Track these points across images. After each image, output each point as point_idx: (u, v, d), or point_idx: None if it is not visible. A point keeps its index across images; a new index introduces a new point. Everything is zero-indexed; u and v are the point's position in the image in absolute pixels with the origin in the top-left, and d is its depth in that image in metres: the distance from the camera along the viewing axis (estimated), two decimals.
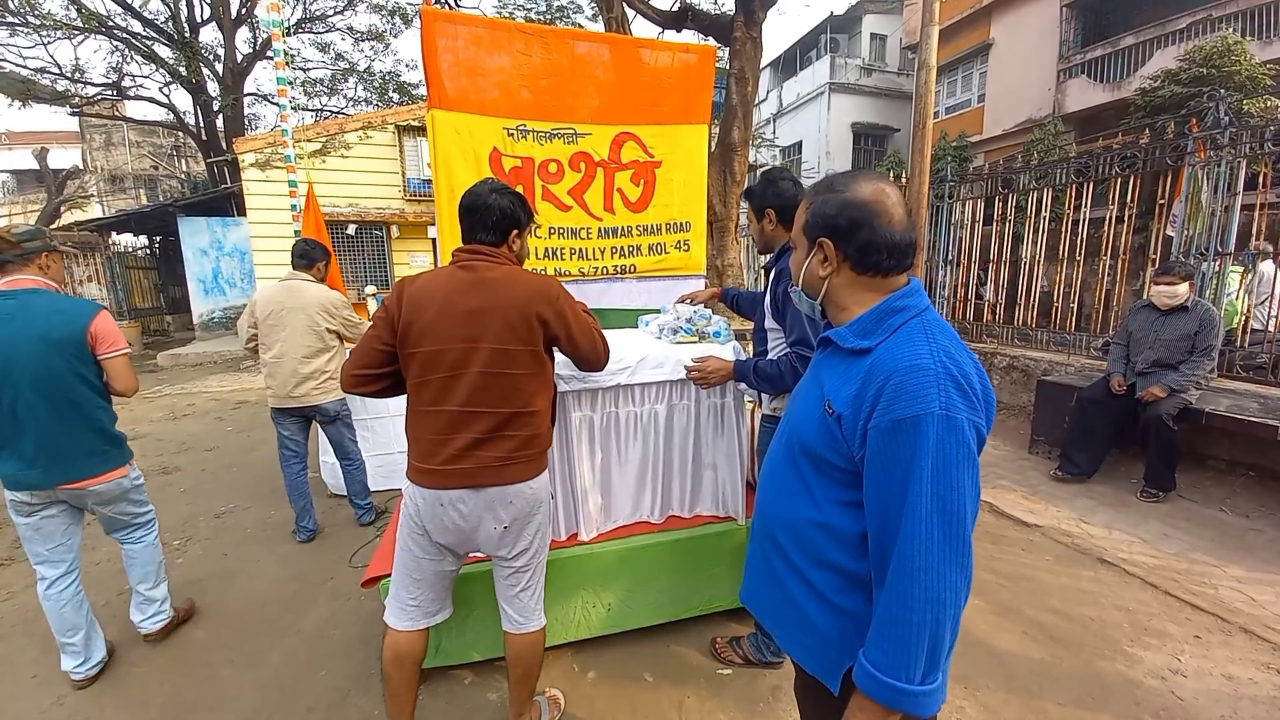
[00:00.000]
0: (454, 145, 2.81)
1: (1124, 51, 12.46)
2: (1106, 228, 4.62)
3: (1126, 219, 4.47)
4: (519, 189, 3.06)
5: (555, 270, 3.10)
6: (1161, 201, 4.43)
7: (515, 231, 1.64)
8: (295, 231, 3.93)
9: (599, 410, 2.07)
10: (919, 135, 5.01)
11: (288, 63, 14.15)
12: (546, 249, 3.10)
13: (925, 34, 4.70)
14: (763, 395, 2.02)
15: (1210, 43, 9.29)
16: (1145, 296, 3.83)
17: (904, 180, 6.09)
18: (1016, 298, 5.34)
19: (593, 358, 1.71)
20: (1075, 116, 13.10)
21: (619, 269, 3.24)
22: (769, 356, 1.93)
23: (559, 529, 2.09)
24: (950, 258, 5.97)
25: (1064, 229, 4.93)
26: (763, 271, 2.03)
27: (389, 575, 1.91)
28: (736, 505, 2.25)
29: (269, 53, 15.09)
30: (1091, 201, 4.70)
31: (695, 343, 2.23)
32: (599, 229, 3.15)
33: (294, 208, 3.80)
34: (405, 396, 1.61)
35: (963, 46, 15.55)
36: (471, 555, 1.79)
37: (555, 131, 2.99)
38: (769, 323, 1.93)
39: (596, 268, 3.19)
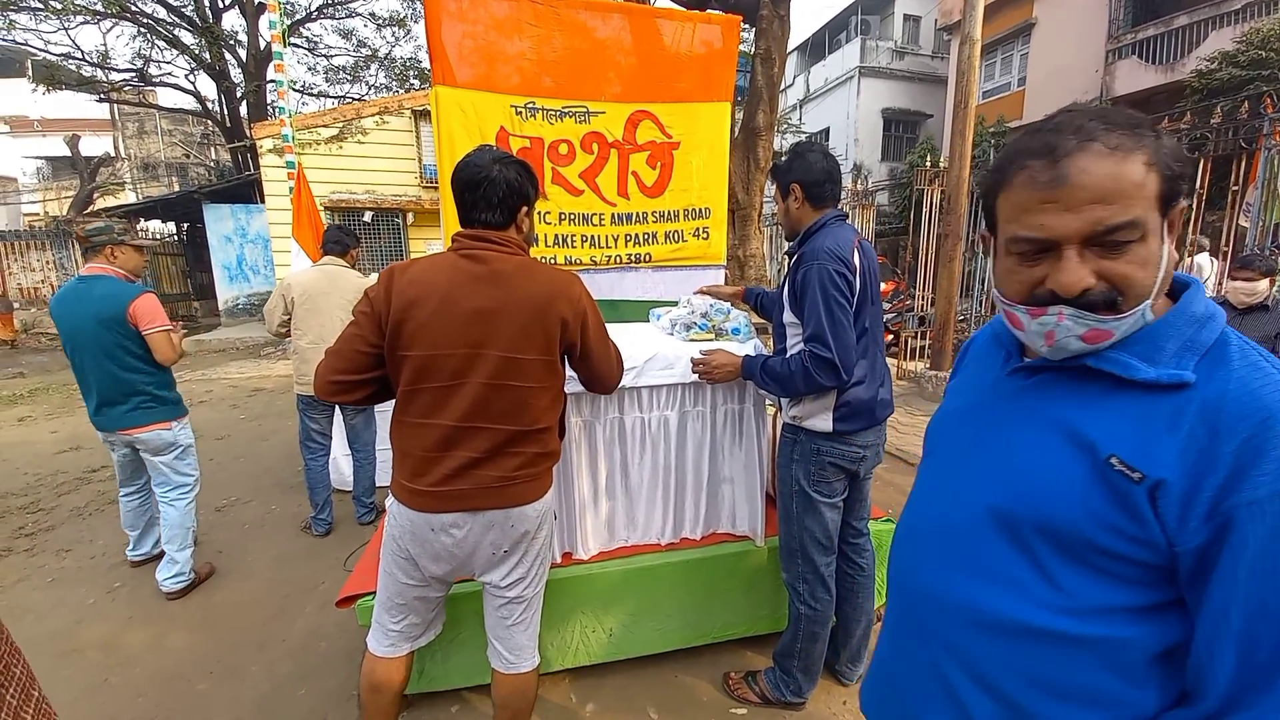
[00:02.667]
0: (459, 124, 2.66)
1: (1177, 31, 11.71)
2: None
3: (1193, 207, 4.06)
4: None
5: (566, 259, 2.92)
6: (1235, 188, 4.02)
7: (524, 208, 1.40)
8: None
9: (601, 416, 1.85)
10: (960, 115, 4.64)
11: (310, 49, 14.01)
12: (556, 236, 2.91)
13: (970, 3, 4.33)
14: (782, 400, 1.78)
15: (1268, 24, 8.75)
16: (1218, 293, 3.46)
17: (941, 166, 5.71)
18: None
19: (606, 377, 1.50)
20: (1125, 100, 12.36)
21: (633, 258, 3.03)
22: (788, 354, 1.69)
23: (553, 549, 1.88)
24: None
25: None
26: (786, 259, 1.78)
27: (368, 594, 1.75)
28: (755, 523, 2.02)
29: (290, 37, 15.11)
30: None
31: (710, 340, 2.00)
32: (612, 215, 2.95)
33: (291, 190, 3.67)
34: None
35: (1003, 26, 14.78)
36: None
37: (566, 110, 2.80)
38: (788, 316, 1.69)
39: (609, 256, 3.00)
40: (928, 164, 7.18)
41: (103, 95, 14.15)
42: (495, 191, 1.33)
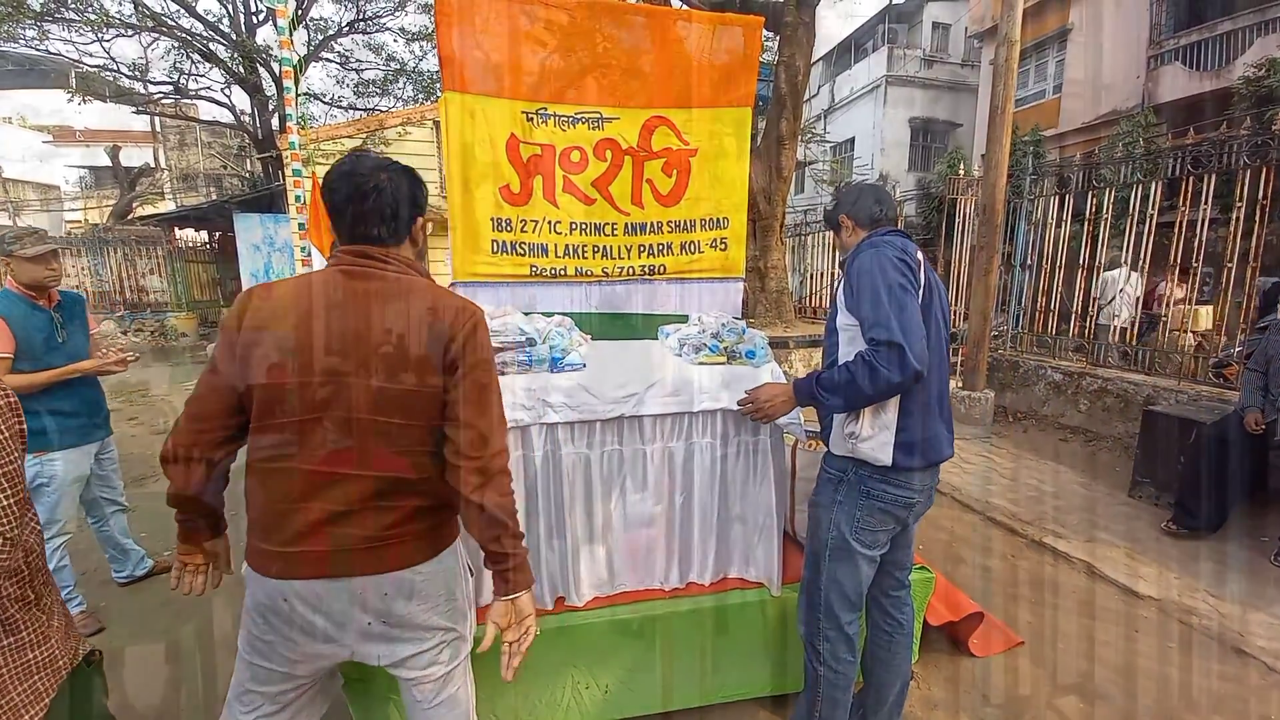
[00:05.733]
0: (469, 130, 2.56)
1: (1221, 38, 11.25)
2: (1233, 228, 3.89)
3: (1259, 218, 3.74)
4: (537, 180, 2.78)
5: (576, 270, 2.78)
6: None
7: (419, 220, 1.20)
8: (301, 225, 3.74)
9: (596, 447, 1.66)
10: (996, 121, 4.39)
11: (341, 64, 14.21)
12: (567, 246, 2.78)
13: (1009, 4, 4.09)
14: (833, 423, 1.53)
15: None
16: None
17: (975, 175, 5.44)
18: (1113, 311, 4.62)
19: (480, 438, 1.10)
20: (1169, 107, 11.86)
21: (647, 269, 2.88)
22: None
23: (543, 594, 1.70)
24: (1028, 261, 5.29)
25: (1177, 230, 4.21)
26: (841, 269, 1.62)
27: None
28: (770, 569, 1.80)
29: (322, 52, 15.45)
30: (1207, 198, 3.97)
31: (722, 363, 1.80)
32: (625, 225, 2.81)
33: (298, 199, 3.61)
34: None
35: (1037, 33, 14.36)
36: None
37: (579, 115, 2.68)
38: (842, 319, 1.49)
39: (622, 268, 2.86)
40: (959, 172, 6.89)
41: (140, 107, 14.61)
42: (385, 203, 1.12)
